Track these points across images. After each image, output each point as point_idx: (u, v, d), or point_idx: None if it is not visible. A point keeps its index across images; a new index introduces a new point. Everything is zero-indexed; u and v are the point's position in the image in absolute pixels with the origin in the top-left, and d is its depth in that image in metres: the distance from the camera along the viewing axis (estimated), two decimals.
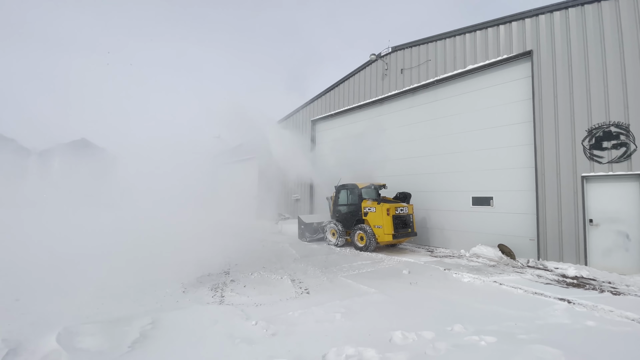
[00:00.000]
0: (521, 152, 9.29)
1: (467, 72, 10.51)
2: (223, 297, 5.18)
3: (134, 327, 3.78)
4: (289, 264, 7.95)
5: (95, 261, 6.97)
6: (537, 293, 5.73)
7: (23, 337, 3.63)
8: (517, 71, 9.48)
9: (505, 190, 9.66)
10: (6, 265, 6.83)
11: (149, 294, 5.16)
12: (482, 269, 7.75)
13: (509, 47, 9.47)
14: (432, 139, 11.62)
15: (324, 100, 16.76)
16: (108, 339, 3.52)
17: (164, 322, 4.03)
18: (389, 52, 13.35)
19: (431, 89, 11.81)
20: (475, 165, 10.35)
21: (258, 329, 3.89)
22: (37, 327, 3.89)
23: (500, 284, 6.27)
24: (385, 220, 9.59)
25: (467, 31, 10.55)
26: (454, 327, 4.04)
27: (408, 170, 12.32)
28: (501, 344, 3.59)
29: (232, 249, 9.18)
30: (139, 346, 3.41)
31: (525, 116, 9.23)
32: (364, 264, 8.04)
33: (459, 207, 10.75)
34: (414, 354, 3.34)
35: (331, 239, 11.18)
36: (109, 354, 3.22)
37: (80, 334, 3.60)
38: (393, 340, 3.67)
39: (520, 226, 9.26)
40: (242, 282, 6.11)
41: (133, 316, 4.19)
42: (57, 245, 7.87)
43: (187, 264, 6.90)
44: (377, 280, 6.44)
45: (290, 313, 4.43)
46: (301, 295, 5.41)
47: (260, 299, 5.09)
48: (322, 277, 6.64)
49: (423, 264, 8.29)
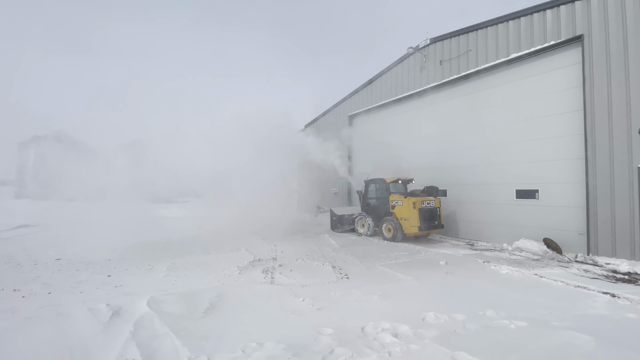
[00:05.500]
0: (570, 143, 8.91)
1: (511, 60, 10.18)
2: (273, 278, 5.89)
3: (204, 299, 4.59)
4: (329, 253, 8.52)
5: (164, 247, 8.10)
6: (580, 286, 5.69)
7: (121, 303, 4.58)
8: (565, 58, 9.05)
9: (552, 183, 9.33)
10: (95, 249, 8.20)
11: (211, 274, 6.04)
12: (524, 262, 7.70)
13: (557, 33, 9.05)
14: (473, 131, 11.43)
15: (361, 95, 16.99)
16: (186, 306, 4.34)
17: (227, 296, 4.80)
18: (427, 44, 13.23)
19: (472, 79, 11.58)
20: (519, 157, 10.08)
21: (305, 304, 4.50)
22: (130, 296, 4.85)
23: (540, 276, 6.29)
24: (411, 213, 10.00)
25: (510, 18, 10.20)
26: (486, 312, 4.31)
27: (447, 163, 12.24)
28: (532, 328, 3.82)
29: (277, 239, 9.99)
30: (210, 312, 4.19)
31: (574, 105, 8.82)
32: (400, 255, 8.37)
33: (501, 200, 10.55)
34: (444, 331, 3.71)
35: (360, 230, 11.86)
36: (189, 317, 4.02)
37: (164, 302, 4.47)
38: (426, 319, 4.06)
39: (568, 220, 8.93)
40: (289, 267, 6.80)
41: (202, 291, 5.03)
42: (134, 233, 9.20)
43: (240, 251, 7.76)
44: (414, 269, 6.77)
45: (332, 293, 4.99)
46: (341, 279, 5.95)
47: (305, 281, 5.71)
48: (361, 265, 7.11)
49: (462, 256, 8.41)
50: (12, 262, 7.27)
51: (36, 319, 4.11)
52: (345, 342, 3.39)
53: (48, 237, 10.49)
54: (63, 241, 9.60)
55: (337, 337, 3.50)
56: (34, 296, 5.01)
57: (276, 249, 8.63)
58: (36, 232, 11.48)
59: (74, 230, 11.80)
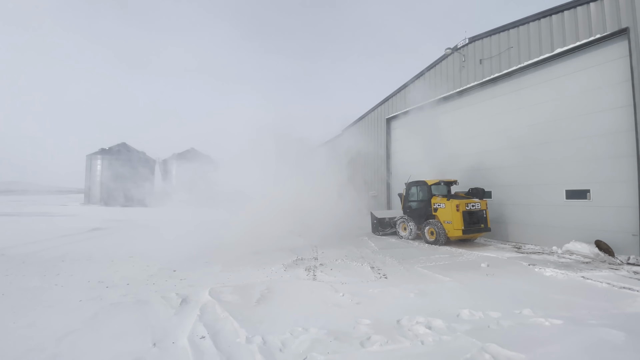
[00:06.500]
0: (620, 140, 8.41)
1: (554, 56, 9.80)
2: (315, 275, 6.39)
3: (256, 291, 5.21)
4: (368, 254, 8.84)
5: (217, 248, 9.00)
6: (625, 287, 5.47)
7: (187, 293, 5.34)
8: (612, 51, 8.57)
9: (603, 182, 8.82)
10: (159, 249, 9.32)
11: (261, 270, 6.71)
12: (573, 265, 7.42)
13: (602, 26, 8.61)
14: (517, 130, 11.09)
15: (398, 98, 17.07)
16: (241, 296, 4.98)
17: (275, 289, 5.38)
18: (465, 43, 13.07)
19: (514, 77, 11.27)
20: (567, 156, 9.64)
21: (345, 299, 4.92)
22: (194, 287, 5.62)
23: (586, 278, 6.09)
24: (454, 216, 9.84)
25: (552, 12, 9.84)
26: (522, 311, 4.40)
27: (491, 164, 11.96)
28: (566, 325, 3.88)
29: (318, 240, 10.50)
30: (261, 302, 4.79)
31: (623, 100, 8.31)
32: (441, 257, 8.44)
33: (550, 201, 10.11)
34: (478, 326, 3.91)
35: (402, 233, 11.90)
36: (245, 305, 4.64)
37: (223, 292, 5.16)
38: (460, 315, 4.27)
39: (620, 221, 8.39)
40: (329, 266, 7.26)
41: (253, 284, 5.67)
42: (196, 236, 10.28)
43: (284, 251, 8.39)
44: (453, 271, 6.87)
45: (371, 290, 5.35)
46: (380, 279, 6.27)
47: (345, 279, 6.12)
48: (399, 267, 7.35)
49: (506, 259, 8.26)
50: (92, 259, 8.49)
51: (121, 304, 4.97)
52: (382, 331, 3.75)
53: (118, 238, 11.99)
54: (131, 242, 10.95)
55: (374, 326, 3.88)
56: (115, 287, 5.95)
57: (317, 249, 9.14)
58: (107, 235, 13.10)
59: (139, 232, 13.33)
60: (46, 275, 6.55)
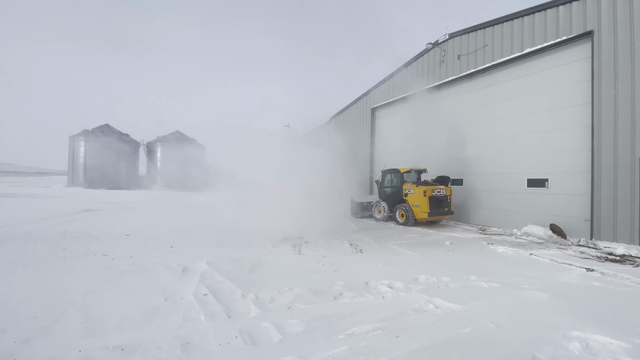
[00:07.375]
0: (578, 134, 9.43)
1: (525, 55, 10.68)
2: (300, 251, 7.24)
3: (248, 262, 6.02)
4: (348, 234, 9.75)
5: (208, 228, 9.68)
6: (565, 263, 6.52)
7: (187, 263, 6.07)
8: (576, 52, 9.48)
9: (560, 172, 9.90)
10: (154, 228, 9.93)
11: (251, 247, 7.51)
12: (526, 244, 8.50)
13: (569, 28, 9.48)
14: (489, 123, 12.06)
15: (383, 89, 17.78)
16: (235, 266, 5.77)
17: (264, 261, 6.20)
18: (446, 39, 13.81)
19: (488, 73, 12.14)
20: (531, 148, 10.67)
21: (324, 267, 5.79)
22: (192, 260, 6.36)
23: (534, 255, 7.14)
24: (422, 200, 11.05)
25: (525, 14, 10.65)
26: (469, 277, 5.37)
27: (463, 154, 12.96)
28: (503, 287, 4.85)
29: (304, 222, 11.31)
30: (253, 270, 5.60)
31: (583, 98, 9.29)
32: (412, 237, 9.44)
33: (514, 189, 11.21)
34: (430, 287, 4.84)
35: (377, 215, 13.15)
36: (239, 272, 5.44)
37: (219, 263, 5.94)
38: (418, 279, 5.20)
39: (574, 207, 9.53)
40: (313, 243, 8.12)
41: (245, 257, 6.46)
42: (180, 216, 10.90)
43: (272, 231, 9.19)
44: (420, 247, 7.85)
45: (347, 261, 6.27)
46: (356, 253, 7.18)
47: (327, 253, 7.00)
48: (374, 244, 8.29)
49: (469, 239, 9.31)
50: (91, 237, 9.05)
51: (129, 272, 5.66)
52: (352, 289, 4.63)
53: (111, 219, 12.49)
54: (125, 222, 11.50)
55: (346, 286, 4.76)
56: (120, 259, 6.60)
57: (303, 229, 9.97)
58: (99, 215, 13.55)
59: (131, 213, 13.84)
60: (53, 249, 7.14)
